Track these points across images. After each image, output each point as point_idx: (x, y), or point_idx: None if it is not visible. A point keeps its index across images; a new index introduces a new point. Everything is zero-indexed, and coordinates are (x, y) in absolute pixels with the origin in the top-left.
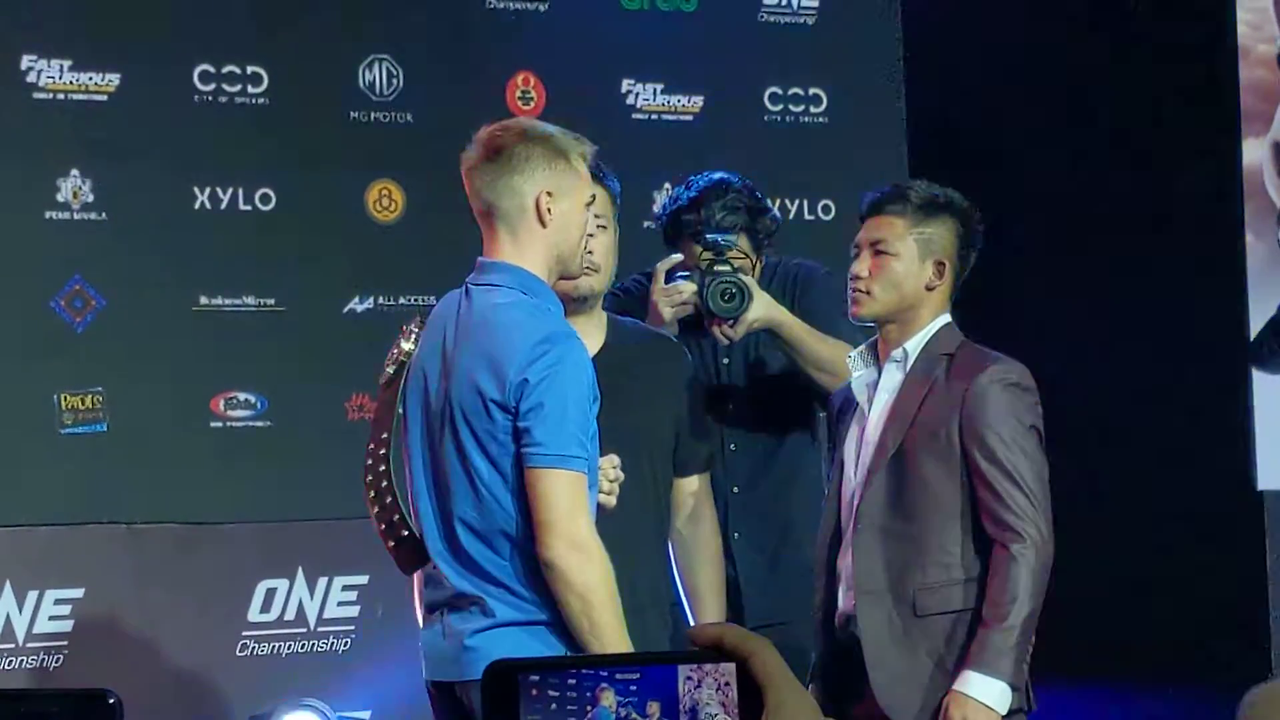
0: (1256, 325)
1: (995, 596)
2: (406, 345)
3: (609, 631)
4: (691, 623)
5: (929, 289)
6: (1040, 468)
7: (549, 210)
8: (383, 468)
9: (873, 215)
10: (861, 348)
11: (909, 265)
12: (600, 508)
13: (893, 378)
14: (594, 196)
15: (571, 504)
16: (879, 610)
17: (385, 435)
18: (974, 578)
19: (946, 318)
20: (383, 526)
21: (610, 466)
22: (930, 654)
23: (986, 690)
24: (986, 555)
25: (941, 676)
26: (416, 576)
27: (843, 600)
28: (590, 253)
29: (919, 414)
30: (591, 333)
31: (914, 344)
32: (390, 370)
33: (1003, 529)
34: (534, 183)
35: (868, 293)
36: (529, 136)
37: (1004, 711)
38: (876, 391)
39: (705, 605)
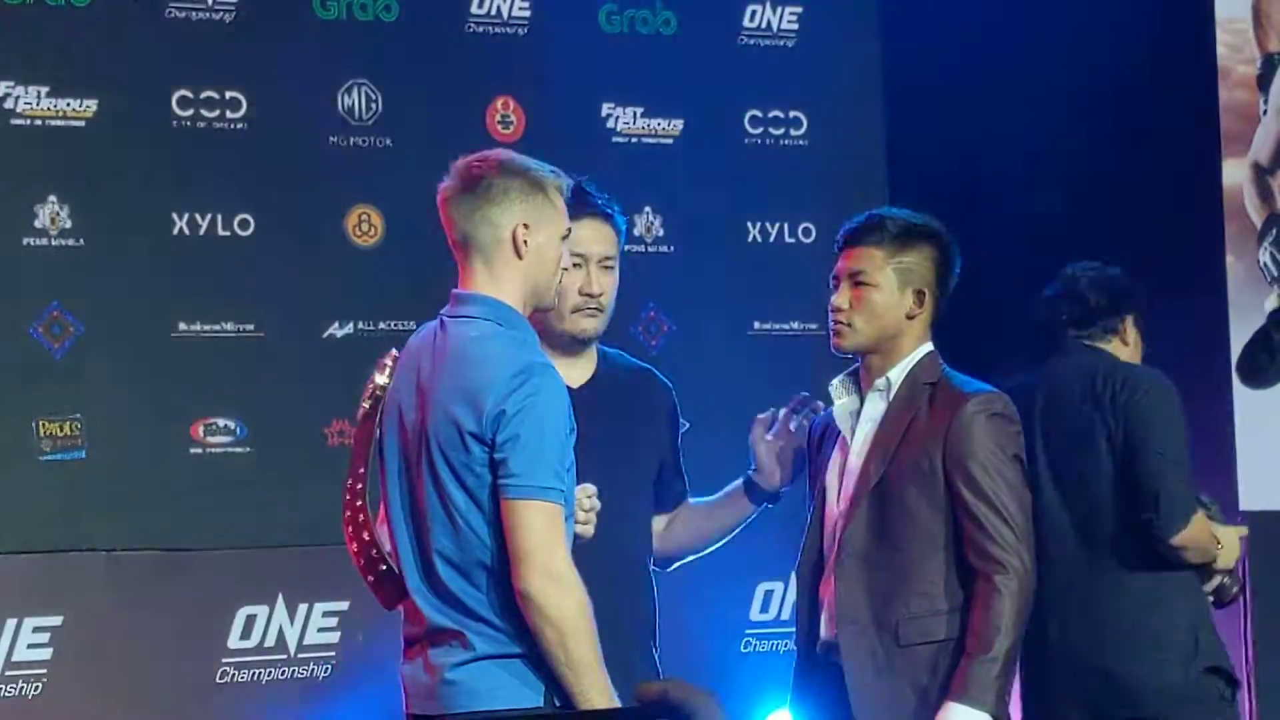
0: (1238, 345)
1: (978, 627)
2: (381, 379)
3: (585, 663)
4: None
5: (910, 318)
6: (1023, 497)
7: (525, 242)
8: (360, 502)
9: (850, 246)
10: (843, 376)
11: (889, 295)
12: (577, 537)
13: (875, 407)
14: (569, 230)
15: (548, 535)
16: (862, 640)
17: (362, 470)
18: (956, 608)
19: (929, 346)
20: (362, 561)
21: (585, 496)
22: (913, 685)
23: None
24: (969, 585)
25: (924, 707)
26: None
27: (825, 629)
28: (599, 294)
29: (903, 444)
30: (581, 363)
31: (897, 373)
32: (366, 404)
33: (986, 560)
34: (511, 214)
35: (849, 325)
36: (506, 168)
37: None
38: (859, 421)
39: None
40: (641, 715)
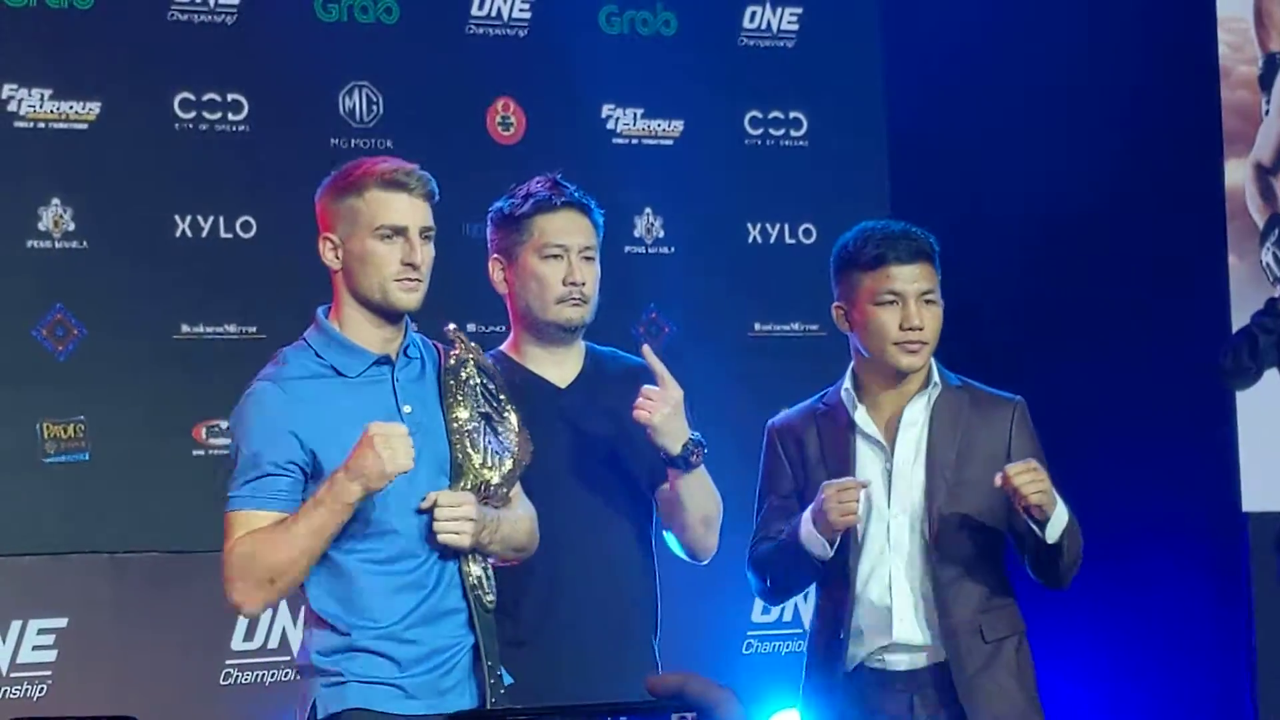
0: None
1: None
2: None
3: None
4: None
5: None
6: None
7: (336, 257)
8: None
9: (911, 263)
10: (848, 386)
11: (941, 312)
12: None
13: (916, 412)
14: (391, 230)
15: (227, 543)
16: (968, 644)
17: None
18: (1012, 599)
19: None
20: None
21: (449, 505)
22: (1017, 678)
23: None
24: (1012, 581)
25: (1027, 699)
26: None
27: (896, 633)
28: (582, 283)
29: (965, 450)
30: (570, 362)
31: (936, 378)
32: None
33: None
34: (322, 228)
35: (926, 344)
36: (326, 180)
37: (1058, 517)
38: (900, 426)
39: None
40: (665, 708)
